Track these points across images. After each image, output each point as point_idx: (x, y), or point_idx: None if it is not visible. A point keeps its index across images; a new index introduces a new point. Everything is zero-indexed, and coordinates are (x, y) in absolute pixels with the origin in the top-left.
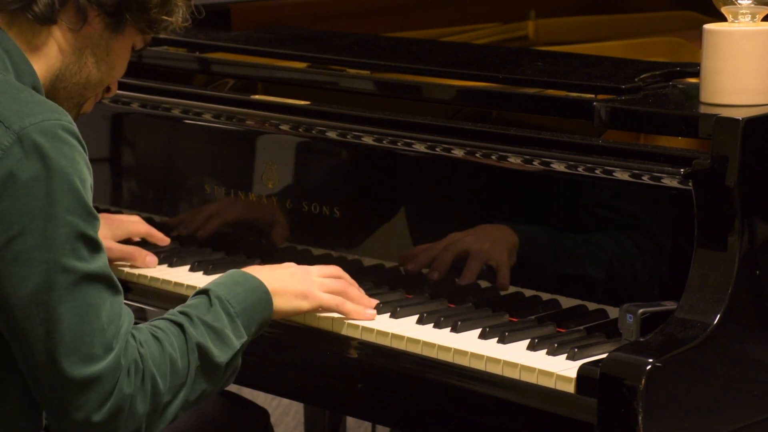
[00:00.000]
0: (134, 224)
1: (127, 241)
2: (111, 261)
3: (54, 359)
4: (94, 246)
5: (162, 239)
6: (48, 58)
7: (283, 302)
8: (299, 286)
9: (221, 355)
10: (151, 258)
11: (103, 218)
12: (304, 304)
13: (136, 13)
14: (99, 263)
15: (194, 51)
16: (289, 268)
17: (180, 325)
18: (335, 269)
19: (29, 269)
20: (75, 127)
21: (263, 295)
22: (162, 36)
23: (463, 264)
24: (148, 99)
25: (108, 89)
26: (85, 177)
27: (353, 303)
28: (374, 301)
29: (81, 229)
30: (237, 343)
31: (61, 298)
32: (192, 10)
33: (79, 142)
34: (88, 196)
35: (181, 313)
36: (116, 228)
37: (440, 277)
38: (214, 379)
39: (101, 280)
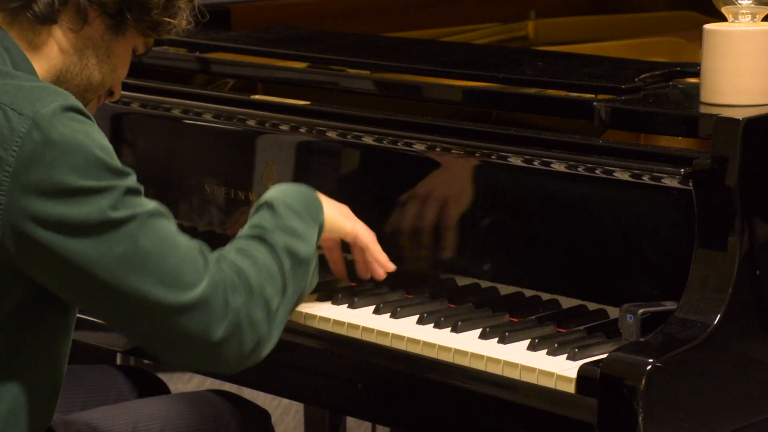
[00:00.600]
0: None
1: None
2: None
3: (155, 300)
4: (139, 193)
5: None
6: (49, 58)
7: (329, 212)
8: (342, 209)
9: (306, 249)
10: None
11: None
12: (347, 224)
13: (137, 14)
14: (152, 203)
15: (194, 51)
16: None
17: (259, 237)
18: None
19: (91, 236)
20: (80, 104)
21: (315, 199)
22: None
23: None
24: (148, 99)
25: (111, 93)
26: (104, 145)
27: (377, 256)
28: (393, 266)
29: (122, 185)
30: (314, 235)
31: (137, 243)
32: (195, 13)
33: (88, 117)
34: (114, 159)
35: (253, 226)
36: None
37: (433, 274)
38: (305, 274)
39: (161, 215)
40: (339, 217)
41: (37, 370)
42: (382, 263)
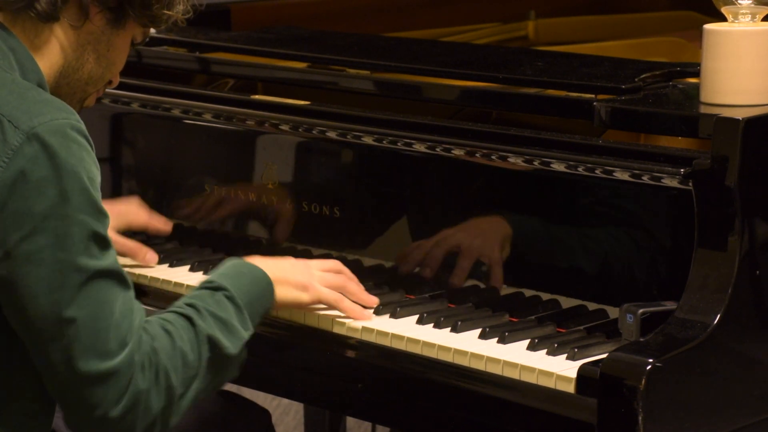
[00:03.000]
0: (134, 215)
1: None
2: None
3: (70, 357)
4: (105, 243)
5: (163, 225)
6: (51, 55)
7: (284, 292)
8: (300, 277)
9: (231, 347)
10: (152, 255)
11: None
12: (304, 296)
13: (138, 9)
14: (110, 260)
15: (194, 51)
16: (290, 260)
17: (189, 318)
18: (335, 263)
19: (42, 269)
20: (83, 126)
21: (266, 285)
22: (164, 35)
23: (455, 261)
24: (148, 99)
25: (110, 82)
26: (93, 175)
27: (353, 299)
28: (374, 299)
29: (92, 228)
30: (245, 334)
31: (75, 296)
32: (193, 3)
33: (88, 141)
34: (98, 194)
35: (189, 305)
36: (115, 218)
37: (432, 274)
38: (224, 370)
39: (112, 276)
40: (294, 294)
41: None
42: (356, 312)
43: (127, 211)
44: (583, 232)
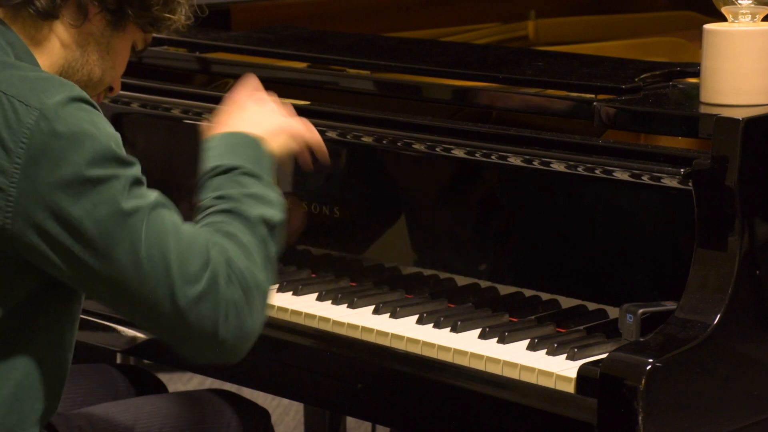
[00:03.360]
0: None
1: None
2: None
3: (162, 295)
4: (142, 183)
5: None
6: (51, 53)
7: (276, 146)
8: (276, 122)
9: (278, 214)
10: None
11: None
12: (292, 144)
13: (137, 10)
14: (154, 194)
15: (194, 51)
16: (250, 109)
17: (232, 212)
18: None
19: (99, 227)
20: (85, 95)
21: (262, 146)
22: (164, 36)
23: (454, 260)
24: (148, 99)
25: (111, 89)
26: (111, 133)
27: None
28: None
29: (127, 176)
30: (278, 195)
31: (142, 236)
32: (195, 9)
33: (95, 107)
34: (119, 148)
35: (220, 198)
36: None
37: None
38: (281, 233)
39: (164, 205)
40: (283, 139)
41: (43, 357)
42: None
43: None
44: (583, 232)
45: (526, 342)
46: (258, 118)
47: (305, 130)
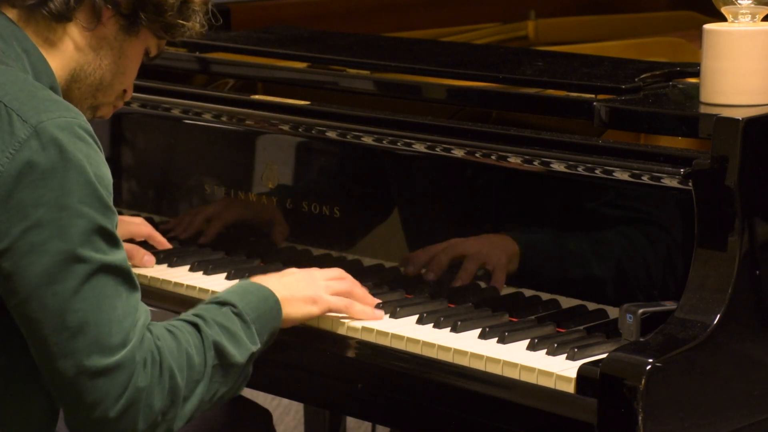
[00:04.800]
0: (136, 225)
1: (129, 241)
2: None
3: (71, 350)
4: (112, 240)
5: (163, 243)
6: (64, 56)
7: (293, 310)
8: (307, 291)
9: (237, 355)
10: (149, 258)
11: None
12: (314, 310)
13: (151, 15)
14: (117, 256)
15: (194, 51)
16: (294, 274)
17: (195, 324)
18: (338, 271)
19: (45, 259)
20: (90, 128)
21: (274, 304)
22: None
23: (459, 266)
24: (148, 99)
25: (124, 92)
26: (102, 173)
27: (360, 304)
28: (376, 300)
29: (97, 221)
30: (251, 347)
31: (78, 288)
32: (209, 16)
33: (95, 141)
34: (106, 191)
35: (195, 315)
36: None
37: (436, 278)
38: (229, 379)
39: (118, 273)
40: (304, 309)
41: (37, 382)
42: (367, 314)
43: (129, 221)
44: (583, 232)
45: (526, 342)
46: (290, 281)
47: (335, 303)
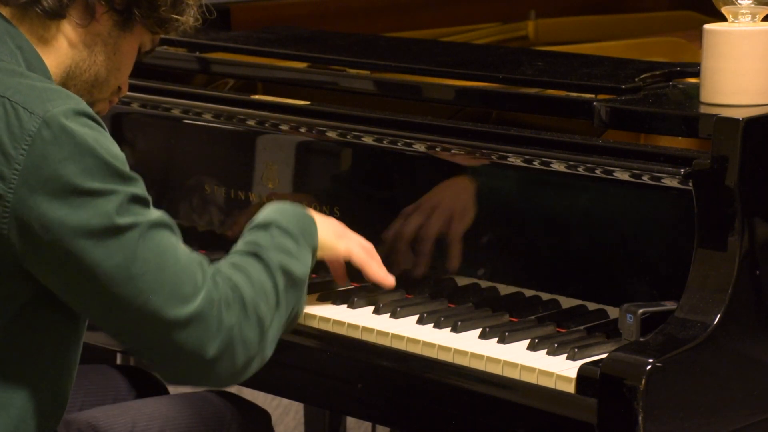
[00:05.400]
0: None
1: None
2: None
3: (151, 311)
4: (146, 202)
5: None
6: (58, 53)
7: (324, 234)
8: (338, 228)
9: (301, 271)
10: None
11: None
12: (340, 244)
13: (145, 10)
14: (156, 213)
15: (194, 51)
16: (324, 217)
17: (254, 254)
18: (364, 240)
19: (92, 240)
20: (92, 111)
21: (310, 221)
22: (163, 36)
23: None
24: (148, 99)
25: (119, 89)
26: (115, 153)
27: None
28: (393, 278)
29: (128, 191)
30: (308, 259)
31: (136, 253)
32: (203, 10)
33: (100, 123)
34: (124, 165)
35: (248, 243)
36: None
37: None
38: (299, 295)
39: (165, 226)
40: (332, 238)
41: (46, 377)
42: (379, 280)
43: None
44: (583, 232)
45: (527, 342)
46: (326, 219)
47: (357, 252)
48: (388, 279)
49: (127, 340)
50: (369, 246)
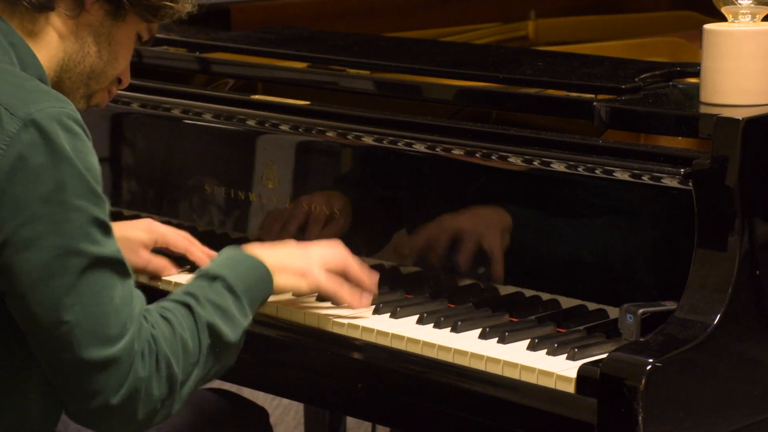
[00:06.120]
0: (175, 238)
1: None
2: (137, 270)
3: (70, 343)
4: (105, 229)
5: (201, 259)
6: (49, 47)
7: (282, 280)
8: (298, 263)
9: (231, 334)
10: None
11: (147, 224)
12: (303, 284)
13: None
14: (111, 247)
15: (194, 51)
16: (288, 245)
17: (188, 306)
18: (336, 242)
19: (41, 254)
20: (79, 117)
21: (264, 274)
22: (162, 35)
23: (453, 260)
24: (148, 99)
25: (119, 81)
26: (91, 164)
27: (355, 278)
28: (376, 275)
29: (91, 213)
30: (243, 322)
31: (75, 282)
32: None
33: (84, 131)
34: (96, 182)
35: (187, 293)
36: (154, 236)
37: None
38: (224, 357)
39: (113, 264)
40: (293, 280)
41: (38, 382)
42: (353, 306)
43: (173, 233)
44: (583, 232)
45: (527, 342)
46: (282, 252)
47: (324, 283)
48: (361, 302)
49: (43, 363)
50: (341, 260)
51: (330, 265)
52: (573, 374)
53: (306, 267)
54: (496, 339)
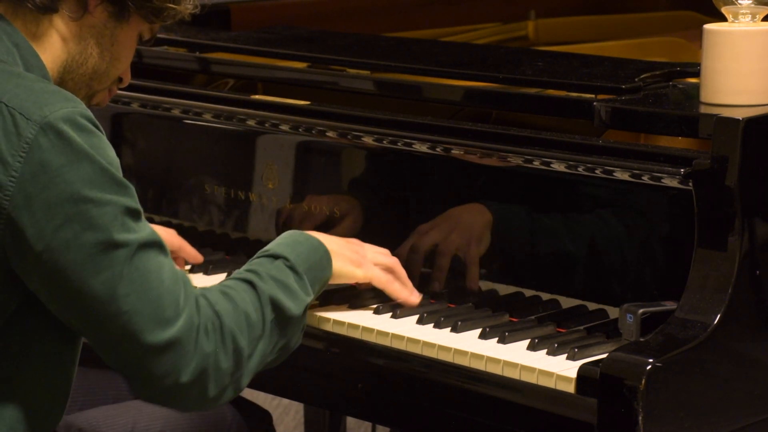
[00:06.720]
0: (167, 236)
1: None
2: None
3: (132, 332)
4: (138, 215)
5: (195, 257)
6: (53, 49)
7: (340, 264)
8: (353, 253)
9: (293, 307)
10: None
11: (169, 232)
12: (358, 272)
13: (139, 0)
14: (147, 229)
15: (194, 51)
16: (343, 238)
17: (249, 282)
18: (385, 250)
19: (83, 253)
20: (91, 114)
21: (324, 254)
22: (163, 35)
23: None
24: (148, 99)
25: (120, 80)
26: (111, 158)
27: (400, 283)
28: (416, 292)
29: (122, 203)
30: (306, 298)
31: (123, 272)
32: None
33: (98, 127)
34: (119, 171)
35: (248, 271)
36: (176, 244)
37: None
38: (289, 332)
39: (153, 245)
40: (349, 267)
41: (41, 381)
42: (403, 300)
43: (161, 231)
44: (584, 232)
45: (527, 342)
46: (339, 241)
47: (377, 274)
48: (411, 298)
49: (104, 355)
50: (391, 262)
51: (381, 261)
52: (573, 374)
53: (361, 258)
54: (496, 339)
